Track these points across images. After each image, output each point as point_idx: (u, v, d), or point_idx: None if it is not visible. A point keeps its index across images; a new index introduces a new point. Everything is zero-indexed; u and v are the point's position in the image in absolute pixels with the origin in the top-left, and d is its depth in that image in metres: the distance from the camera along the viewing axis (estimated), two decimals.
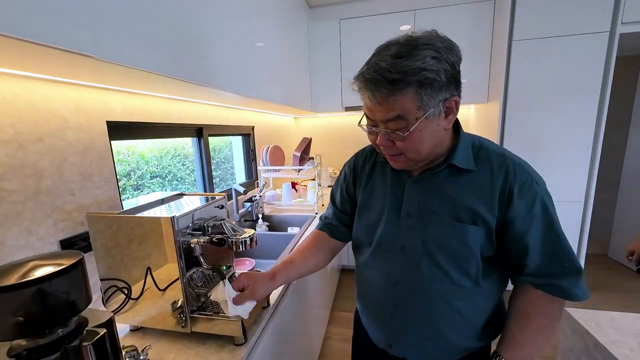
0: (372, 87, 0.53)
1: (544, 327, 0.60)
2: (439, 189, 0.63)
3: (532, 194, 0.58)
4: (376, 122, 0.58)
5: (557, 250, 0.59)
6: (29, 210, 0.74)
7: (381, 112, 0.55)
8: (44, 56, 0.58)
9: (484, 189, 0.60)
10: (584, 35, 1.84)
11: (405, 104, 0.53)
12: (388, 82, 0.51)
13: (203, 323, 0.74)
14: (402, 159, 0.61)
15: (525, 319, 0.61)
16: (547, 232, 0.59)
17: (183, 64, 0.86)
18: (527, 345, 0.60)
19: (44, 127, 0.77)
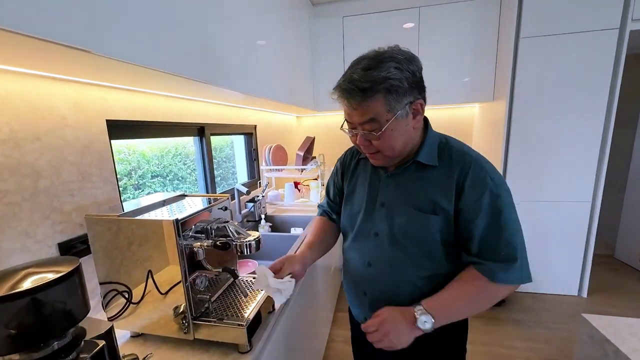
0: (348, 96, 0.63)
1: (469, 295, 0.67)
2: (407, 183, 0.73)
3: (483, 186, 0.65)
4: (355, 125, 0.67)
5: (497, 240, 0.65)
6: (25, 211, 0.71)
7: (357, 116, 0.65)
8: (41, 52, 0.55)
9: (444, 181, 0.68)
10: (593, 32, 1.80)
11: (376, 108, 0.62)
12: (360, 90, 0.61)
13: (206, 330, 0.71)
14: (379, 156, 0.71)
15: (457, 282, 0.68)
16: (492, 223, 0.65)
17: (184, 61, 0.83)
18: (447, 302, 0.67)
19: (42, 125, 0.74)
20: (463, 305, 0.67)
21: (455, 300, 0.67)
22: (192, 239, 0.72)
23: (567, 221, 2.08)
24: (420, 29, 2.23)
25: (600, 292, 2.19)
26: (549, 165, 2.03)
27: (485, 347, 1.73)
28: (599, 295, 2.16)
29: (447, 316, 0.66)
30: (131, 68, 0.70)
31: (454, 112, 2.69)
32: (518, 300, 2.15)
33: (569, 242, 2.11)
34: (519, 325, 1.90)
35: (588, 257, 2.11)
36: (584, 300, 2.13)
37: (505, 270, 0.64)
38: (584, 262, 2.12)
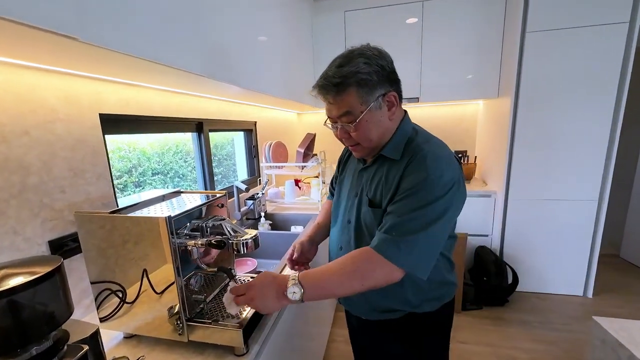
0: (324, 91, 0.69)
1: (345, 263, 0.66)
2: (372, 174, 0.77)
3: (417, 178, 0.65)
4: (334, 118, 0.72)
5: (400, 224, 0.64)
6: (13, 208, 0.68)
7: (335, 109, 0.70)
8: (26, 40, 0.52)
9: (392, 174, 0.71)
10: (602, 26, 1.75)
11: (350, 101, 0.67)
12: (334, 85, 0.66)
13: (201, 331, 0.68)
14: (359, 148, 0.75)
15: (338, 259, 0.68)
16: (404, 209, 0.65)
17: (183, 53, 0.80)
18: (321, 272, 0.67)
19: (30, 118, 0.71)
20: (335, 278, 0.66)
21: (329, 270, 0.67)
22: (187, 237, 0.69)
23: (572, 220, 2.04)
24: (423, 23, 2.18)
25: (606, 293, 2.15)
26: (555, 163, 1.98)
27: (490, 347, 1.69)
28: (605, 295, 2.12)
29: (317, 290, 0.65)
30: (125, 60, 0.68)
31: (457, 109, 2.65)
32: (523, 300, 2.12)
33: (574, 242, 2.07)
34: (524, 326, 1.86)
35: (594, 257, 2.07)
36: (589, 300, 2.09)
37: (390, 244, 0.64)
38: (590, 261, 2.08)
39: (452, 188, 0.65)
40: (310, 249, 0.95)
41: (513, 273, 2.10)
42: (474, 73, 2.19)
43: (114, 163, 1.12)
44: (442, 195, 0.64)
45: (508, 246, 2.18)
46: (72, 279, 0.81)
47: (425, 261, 0.65)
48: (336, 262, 0.68)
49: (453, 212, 0.67)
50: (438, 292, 0.78)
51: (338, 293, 0.68)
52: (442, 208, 0.64)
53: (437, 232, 0.65)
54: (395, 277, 0.65)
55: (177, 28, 0.79)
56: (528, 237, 2.14)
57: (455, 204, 0.67)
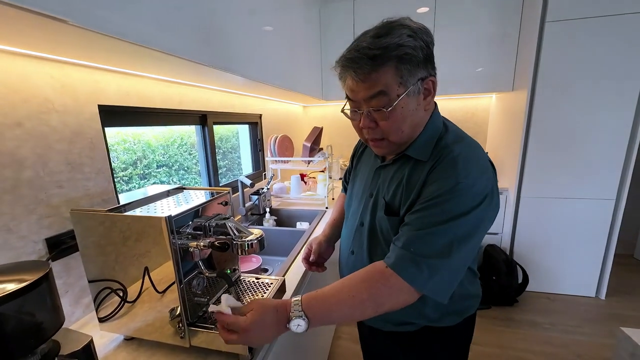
0: (355, 65, 0.55)
1: (355, 283, 0.57)
2: (390, 175, 0.67)
3: (445, 184, 0.55)
4: (359, 102, 0.60)
5: (420, 240, 0.55)
6: (7, 204, 0.65)
7: (364, 89, 0.57)
8: (12, 23, 0.48)
9: (417, 179, 0.60)
10: (626, 15, 1.65)
11: (387, 80, 0.55)
12: (369, 58, 0.54)
13: (204, 336, 0.65)
14: (384, 143, 0.63)
15: (348, 279, 0.58)
16: (425, 222, 0.55)
17: (186, 41, 0.75)
18: (327, 304, 0.56)
19: (23, 109, 0.67)
20: (346, 307, 0.55)
21: (339, 296, 0.56)
22: (189, 236, 0.65)
23: (587, 220, 1.97)
24: (436, 13, 2.09)
25: (620, 294, 2.09)
26: (571, 160, 1.90)
27: (498, 349, 1.65)
28: (618, 297, 2.06)
29: (325, 317, 0.55)
30: (122, 46, 0.62)
31: (468, 103, 2.56)
32: (533, 300, 2.07)
33: (588, 241, 2.00)
34: (534, 328, 1.82)
35: (608, 258, 2.00)
36: (602, 302, 2.03)
37: (410, 263, 0.54)
38: (604, 262, 2.02)
39: (484, 200, 0.54)
40: (327, 249, 0.90)
41: (523, 272, 2.05)
42: (488, 65, 2.10)
43: (119, 155, 1.10)
44: (472, 208, 0.53)
45: (519, 245, 2.12)
46: (72, 277, 0.78)
47: (448, 285, 0.56)
48: (347, 286, 0.57)
49: (485, 229, 0.57)
50: (460, 306, 0.71)
51: (349, 320, 0.58)
52: (471, 224, 0.54)
53: (464, 254, 0.55)
54: (412, 300, 0.56)
55: (178, 13, 0.73)
56: (540, 236, 2.07)
57: (488, 219, 0.57)
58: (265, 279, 0.83)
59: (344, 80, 0.61)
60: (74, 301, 0.79)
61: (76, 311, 0.79)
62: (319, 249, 0.87)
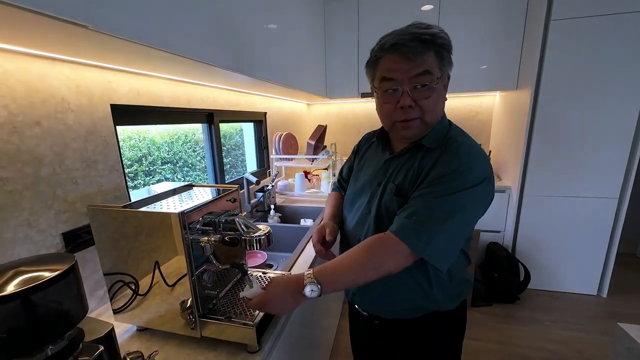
0: (409, 44, 0.61)
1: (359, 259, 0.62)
2: (401, 164, 0.72)
3: (448, 168, 0.62)
4: (402, 81, 0.64)
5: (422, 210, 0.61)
6: (27, 200, 0.68)
7: (412, 68, 0.62)
8: (35, 28, 0.50)
9: (426, 164, 0.67)
10: (632, 14, 1.64)
11: (431, 62, 0.62)
12: (420, 40, 0.61)
13: (214, 327, 0.68)
14: (417, 123, 0.67)
15: (352, 249, 0.65)
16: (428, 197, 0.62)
17: (193, 42, 0.77)
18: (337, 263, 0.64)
19: (42, 109, 0.70)
20: (351, 271, 0.62)
21: (343, 262, 0.63)
22: (199, 232, 0.68)
23: (590, 218, 1.97)
24: (440, 10, 2.09)
25: (621, 293, 2.10)
26: (575, 159, 1.91)
27: (500, 346, 1.68)
28: (620, 295, 2.07)
29: (334, 282, 0.62)
30: (136, 48, 0.65)
31: (472, 101, 2.56)
32: (534, 297, 2.08)
33: (590, 240, 2.01)
34: (535, 324, 1.84)
35: (611, 256, 2.01)
36: (604, 300, 2.04)
37: (410, 229, 0.60)
38: (606, 260, 2.03)
39: (482, 182, 0.62)
40: (337, 230, 0.88)
41: (525, 270, 2.06)
42: (492, 64, 2.10)
43: (124, 152, 1.12)
44: (470, 186, 0.61)
45: (521, 243, 2.14)
46: (87, 270, 0.81)
47: (445, 252, 0.62)
48: (350, 253, 0.64)
49: (479, 208, 0.64)
50: (458, 289, 0.76)
51: (355, 284, 0.65)
52: (468, 199, 0.61)
53: (460, 223, 0.62)
54: (408, 261, 0.62)
55: (189, 16, 0.75)
56: (542, 234, 2.08)
57: (482, 200, 0.64)
58: (271, 274, 0.86)
59: (376, 65, 0.68)
60: (89, 293, 0.82)
61: (91, 303, 0.83)
62: (332, 230, 0.82)
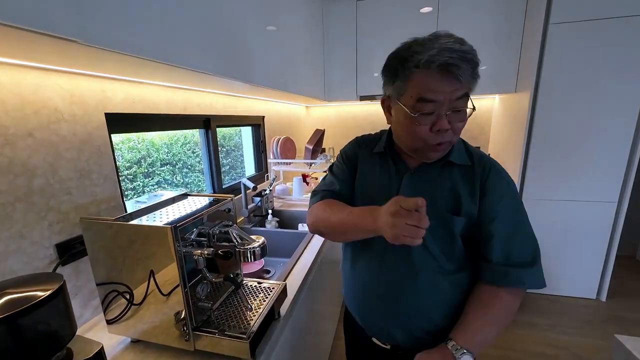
0: (459, 68, 0.55)
1: (500, 319, 0.64)
2: (433, 181, 0.68)
3: (502, 189, 0.66)
4: (442, 103, 0.58)
5: (521, 243, 0.65)
6: (19, 212, 0.67)
7: (456, 90, 0.57)
8: (27, 42, 0.50)
9: (469, 182, 0.67)
10: (631, 17, 1.63)
11: (469, 86, 0.59)
12: (467, 61, 0.56)
13: (208, 340, 0.68)
14: (447, 146, 0.64)
15: (483, 308, 0.65)
16: (508, 224, 0.65)
17: (188, 51, 0.77)
18: (479, 332, 0.63)
19: (34, 120, 0.69)
20: (494, 329, 0.64)
21: (485, 327, 0.64)
22: (193, 244, 0.67)
23: (589, 222, 1.96)
24: (439, 13, 2.08)
25: (620, 296, 2.09)
26: (574, 163, 1.90)
27: (497, 350, 1.67)
28: (619, 299, 2.07)
29: (482, 346, 0.63)
30: (130, 59, 0.64)
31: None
32: (533, 302, 2.08)
33: (589, 244, 2.00)
34: (533, 329, 1.83)
35: (610, 260, 2.00)
36: (603, 304, 2.03)
37: (531, 275, 0.64)
38: (605, 264, 2.02)
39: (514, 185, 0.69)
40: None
41: None
42: (491, 67, 2.09)
43: (123, 153, 1.12)
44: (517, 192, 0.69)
45: None
46: (81, 280, 0.81)
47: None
48: (490, 312, 0.64)
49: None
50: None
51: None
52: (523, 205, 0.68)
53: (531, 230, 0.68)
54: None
55: (183, 25, 0.75)
56: (540, 238, 2.00)
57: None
58: (266, 284, 0.86)
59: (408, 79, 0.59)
60: (84, 303, 0.82)
61: (85, 313, 0.82)
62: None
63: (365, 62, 2.29)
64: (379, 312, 0.74)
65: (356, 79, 2.34)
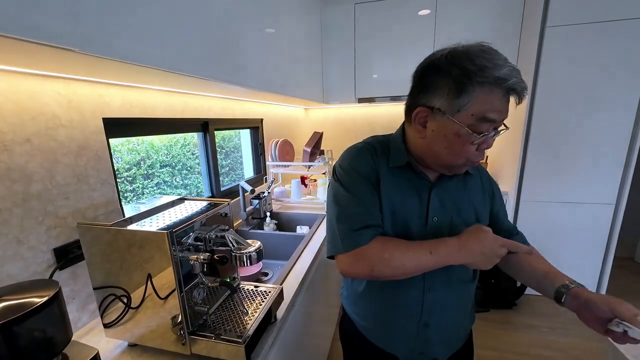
0: (524, 92, 0.55)
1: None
2: (454, 192, 0.70)
3: (499, 190, 0.79)
4: (499, 124, 0.58)
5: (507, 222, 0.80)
6: (17, 217, 0.68)
7: (507, 112, 0.57)
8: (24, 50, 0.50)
9: (479, 189, 0.73)
10: (626, 21, 1.64)
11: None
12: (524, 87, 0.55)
13: (204, 343, 0.68)
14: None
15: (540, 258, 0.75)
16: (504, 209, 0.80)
17: (184, 57, 0.77)
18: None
19: (31, 126, 0.70)
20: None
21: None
22: (189, 249, 0.68)
23: (586, 224, 1.97)
24: (437, 16, 2.09)
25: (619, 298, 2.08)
26: (571, 165, 1.91)
27: (496, 352, 1.67)
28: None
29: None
30: (127, 66, 0.65)
31: None
32: (531, 303, 2.08)
33: (587, 246, 2.00)
34: (532, 331, 1.83)
35: (608, 262, 2.00)
36: None
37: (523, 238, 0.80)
38: (603, 266, 2.02)
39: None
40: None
41: None
42: None
43: (122, 155, 1.12)
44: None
45: None
46: (78, 284, 0.81)
47: None
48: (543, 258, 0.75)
49: None
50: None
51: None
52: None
53: None
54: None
55: (181, 30, 0.76)
56: (539, 240, 2.08)
57: None
58: (263, 288, 0.86)
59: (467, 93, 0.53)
60: (81, 307, 0.82)
61: (82, 317, 0.83)
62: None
63: (363, 64, 2.30)
64: (419, 340, 0.72)
65: (354, 81, 2.34)
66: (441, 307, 0.70)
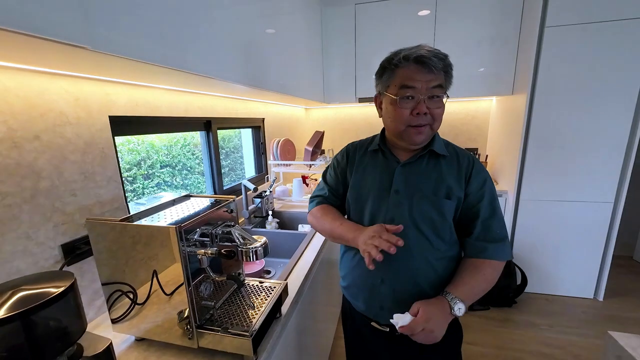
0: (431, 60, 0.69)
1: (489, 277, 0.75)
2: (422, 171, 0.79)
3: (483, 177, 0.79)
4: (420, 89, 0.71)
5: (494, 222, 0.77)
6: (26, 213, 0.69)
7: (431, 80, 0.71)
8: (34, 48, 0.51)
9: (455, 170, 0.79)
10: (625, 21, 1.66)
11: (443, 79, 0.73)
12: (440, 58, 0.70)
13: (211, 337, 0.69)
14: (427, 129, 0.75)
15: (474, 268, 0.76)
16: (490, 207, 0.77)
17: (188, 55, 0.78)
18: (470, 284, 0.74)
19: (40, 123, 0.71)
20: (482, 287, 0.75)
21: (476, 284, 0.74)
22: (196, 244, 0.69)
23: (586, 222, 1.99)
24: (436, 16, 2.11)
25: (618, 296, 2.11)
26: (570, 164, 1.92)
27: (497, 350, 1.69)
28: (616, 299, 2.09)
29: (472, 300, 0.73)
30: (135, 64, 0.66)
31: (469, 105, 2.58)
32: (531, 301, 2.10)
33: (586, 244, 2.02)
34: (531, 328, 1.85)
35: (607, 260, 2.02)
36: (600, 303, 2.05)
37: (502, 249, 0.76)
38: (602, 264, 2.04)
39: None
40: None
41: (522, 274, 2.07)
42: (488, 69, 2.12)
43: (123, 155, 1.13)
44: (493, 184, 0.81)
45: (517, 247, 2.15)
46: (85, 280, 0.82)
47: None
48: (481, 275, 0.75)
49: None
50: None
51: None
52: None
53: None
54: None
55: (188, 31, 0.77)
56: (538, 238, 2.10)
57: None
58: (267, 283, 0.87)
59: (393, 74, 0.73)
60: (88, 303, 0.83)
61: (89, 312, 0.84)
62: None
63: (364, 64, 2.31)
64: (378, 294, 0.82)
65: (355, 81, 2.36)
66: (397, 266, 0.78)
